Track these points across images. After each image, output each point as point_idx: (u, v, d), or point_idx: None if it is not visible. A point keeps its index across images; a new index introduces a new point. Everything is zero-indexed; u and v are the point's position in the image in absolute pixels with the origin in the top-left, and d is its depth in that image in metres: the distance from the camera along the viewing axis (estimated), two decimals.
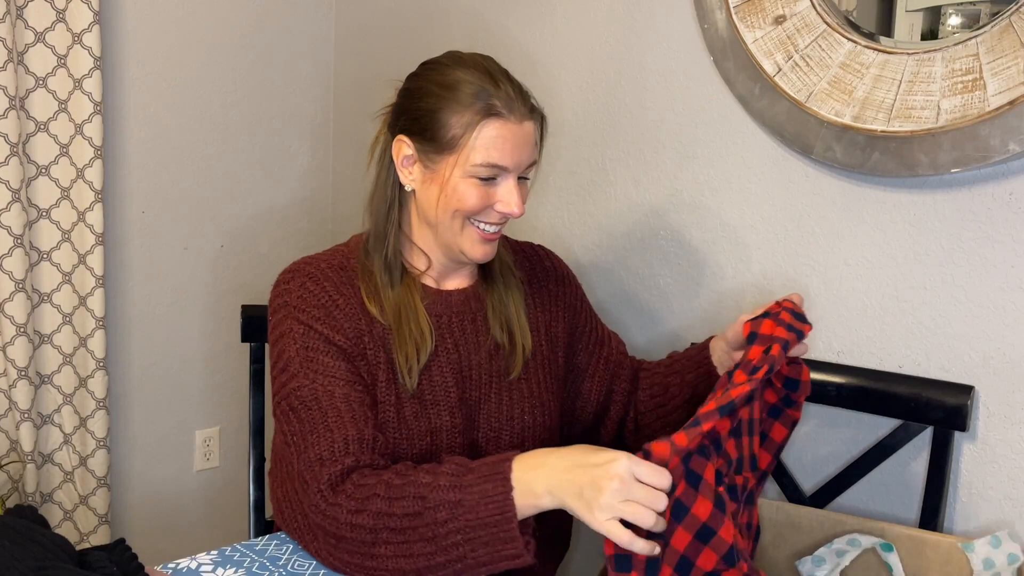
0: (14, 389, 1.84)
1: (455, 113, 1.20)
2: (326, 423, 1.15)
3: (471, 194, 1.21)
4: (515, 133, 1.20)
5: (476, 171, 1.20)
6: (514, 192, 1.22)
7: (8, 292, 1.81)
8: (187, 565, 1.09)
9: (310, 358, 1.20)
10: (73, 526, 1.99)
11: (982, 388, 1.32)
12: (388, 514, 1.06)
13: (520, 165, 1.22)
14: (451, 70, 1.23)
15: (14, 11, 1.76)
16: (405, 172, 1.26)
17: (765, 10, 1.44)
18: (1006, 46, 1.23)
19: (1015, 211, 1.28)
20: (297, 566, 1.11)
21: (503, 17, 1.89)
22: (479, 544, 1.03)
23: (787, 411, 1.22)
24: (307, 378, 1.18)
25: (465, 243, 1.24)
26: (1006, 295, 1.30)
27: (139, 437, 2.14)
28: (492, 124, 1.19)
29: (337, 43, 2.31)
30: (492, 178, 1.21)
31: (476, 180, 1.20)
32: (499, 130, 1.19)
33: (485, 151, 1.19)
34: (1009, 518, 1.32)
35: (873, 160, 1.35)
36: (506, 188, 1.22)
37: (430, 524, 1.04)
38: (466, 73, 1.22)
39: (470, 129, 1.19)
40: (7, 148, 1.77)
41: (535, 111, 1.24)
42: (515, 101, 1.21)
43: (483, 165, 1.19)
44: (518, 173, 1.23)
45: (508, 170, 1.21)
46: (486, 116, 1.19)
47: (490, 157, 1.19)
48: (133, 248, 2.07)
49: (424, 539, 1.04)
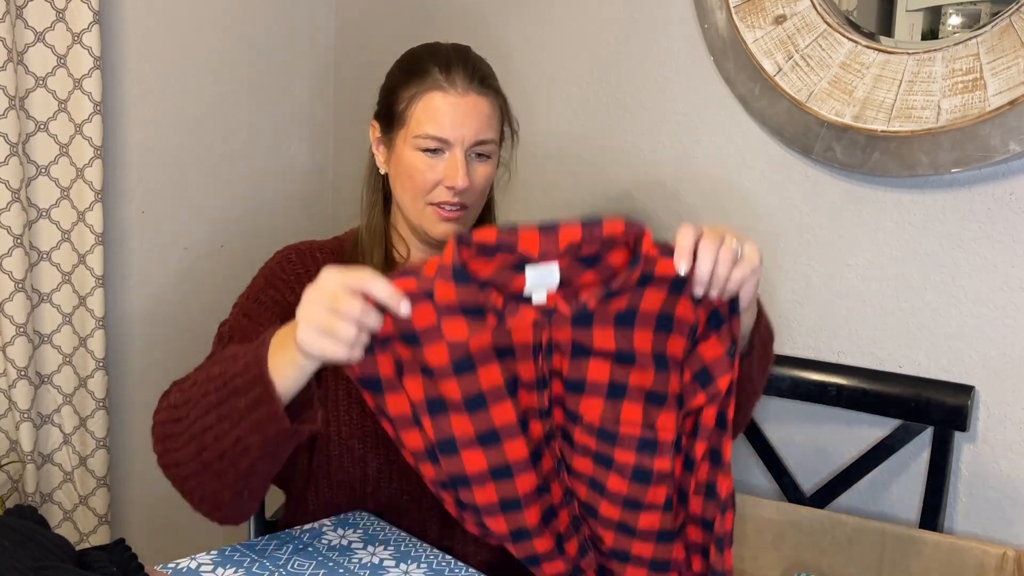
0: (14, 389, 1.84)
1: (405, 88, 1.24)
2: (213, 356, 1.16)
3: (417, 167, 1.23)
4: (455, 105, 1.21)
5: (418, 143, 1.22)
6: (457, 166, 1.22)
7: (8, 292, 1.81)
8: (187, 565, 1.09)
9: (253, 307, 1.23)
10: (73, 526, 1.99)
11: (982, 388, 1.32)
12: (174, 403, 1.07)
13: (464, 139, 1.22)
14: (415, 53, 1.28)
15: (14, 11, 1.75)
16: (379, 156, 1.31)
17: (765, 10, 1.44)
18: (1006, 46, 1.22)
19: (1015, 211, 1.28)
20: (297, 566, 1.11)
21: (503, 18, 1.89)
22: (237, 393, 0.97)
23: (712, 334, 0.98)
24: (236, 320, 1.23)
25: (426, 222, 1.26)
26: (1006, 295, 1.30)
27: (139, 437, 2.13)
28: (432, 95, 1.22)
29: (337, 43, 2.31)
30: (436, 151, 1.22)
31: (421, 154, 1.22)
32: (438, 101, 1.21)
33: (424, 122, 1.22)
34: (1009, 518, 1.32)
35: (873, 160, 1.35)
36: (449, 162, 1.23)
37: (200, 389, 1.02)
38: (425, 53, 1.26)
39: (413, 101, 1.23)
40: (7, 148, 1.77)
41: (488, 87, 1.25)
42: (459, 75, 1.22)
43: (422, 136, 1.22)
44: (464, 147, 1.23)
45: (449, 142, 1.22)
46: (429, 89, 1.22)
47: (428, 128, 1.21)
48: (133, 248, 2.06)
49: (193, 403, 1.02)
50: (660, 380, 0.98)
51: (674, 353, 0.98)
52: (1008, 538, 1.32)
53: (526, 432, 1.00)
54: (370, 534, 1.19)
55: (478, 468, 0.99)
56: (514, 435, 0.99)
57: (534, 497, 1.02)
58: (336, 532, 1.19)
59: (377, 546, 1.16)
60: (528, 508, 1.02)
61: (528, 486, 1.01)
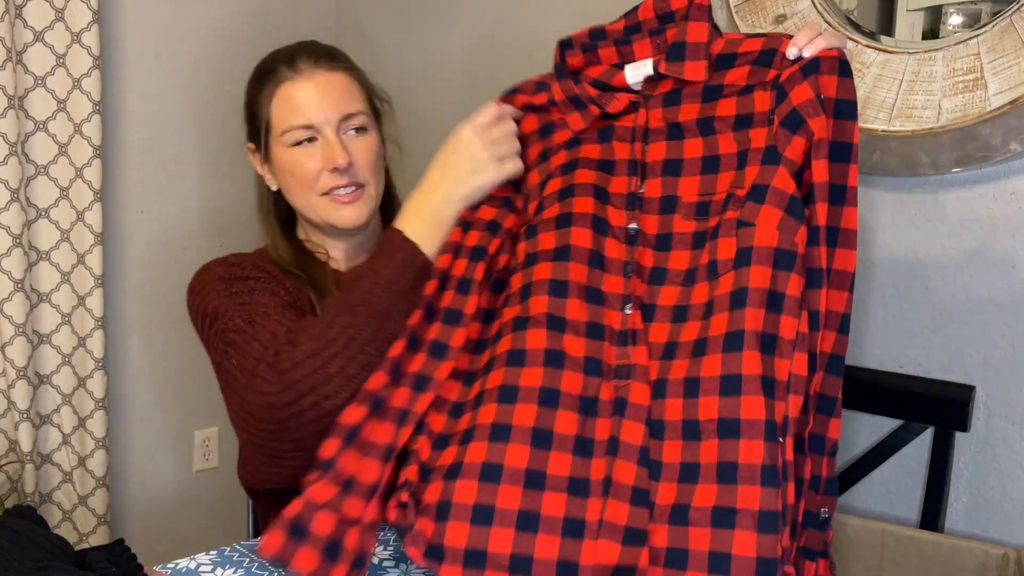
0: (13, 389, 1.84)
1: (259, 95, 1.24)
2: (265, 328, 1.11)
3: (297, 162, 1.22)
4: (306, 89, 1.21)
5: (286, 139, 1.22)
6: (333, 145, 1.21)
7: (7, 292, 1.81)
8: (186, 565, 1.09)
9: (238, 301, 1.18)
10: (72, 526, 1.99)
11: (982, 388, 1.32)
12: (316, 334, 1.04)
13: (328, 118, 1.21)
14: (262, 61, 1.28)
15: (13, 10, 1.75)
16: (266, 175, 1.29)
17: (765, 9, 1.44)
18: (1007, 46, 1.22)
19: (1016, 211, 1.28)
20: None
21: (503, 18, 1.89)
22: (396, 282, 1.06)
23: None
24: (237, 313, 1.16)
25: (325, 213, 1.24)
26: (1007, 295, 1.30)
27: (138, 437, 2.13)
28: (281, 89, 1.22)
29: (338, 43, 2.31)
30: (309, 140, 1.22)
31: (295, 148, 1.22)
32: (289, 91, 1.21)
33: (285, 115, 1.21)
34: (1009, 518, 1.32)
35: (874, 160, 1.35)
36: (323, 145, 1.22)
37: (356, 300, 1.05)
38: (269, 57, 1.26)
39: (267, 103, 1.23)
40: (6, 147, 1.77)
41: (336, 63, 1.25)
42: (303, 61, 1.22)
43: (288, 130, 1.21)
44: (334, 126, 1.22)
45: (315, 126, 1.21)
46: (278, 84, 1.22)
47: (290, 119, 1.21)
48: (132, 248, 2.06)
49: (355, 311, 1.05)
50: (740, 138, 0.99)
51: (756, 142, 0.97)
52: (1009, 538, 1.32)
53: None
54: None
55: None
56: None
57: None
58: None
59: (377, 546, 1.16)
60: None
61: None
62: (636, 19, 1.04)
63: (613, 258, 1.00)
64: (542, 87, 1.11)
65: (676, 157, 1.01)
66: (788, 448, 0.87)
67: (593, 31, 1.06)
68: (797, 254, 0.90)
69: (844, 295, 0.94)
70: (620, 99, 1.05)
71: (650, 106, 1.03)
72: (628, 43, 1.05)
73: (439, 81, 2.04)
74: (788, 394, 0.88)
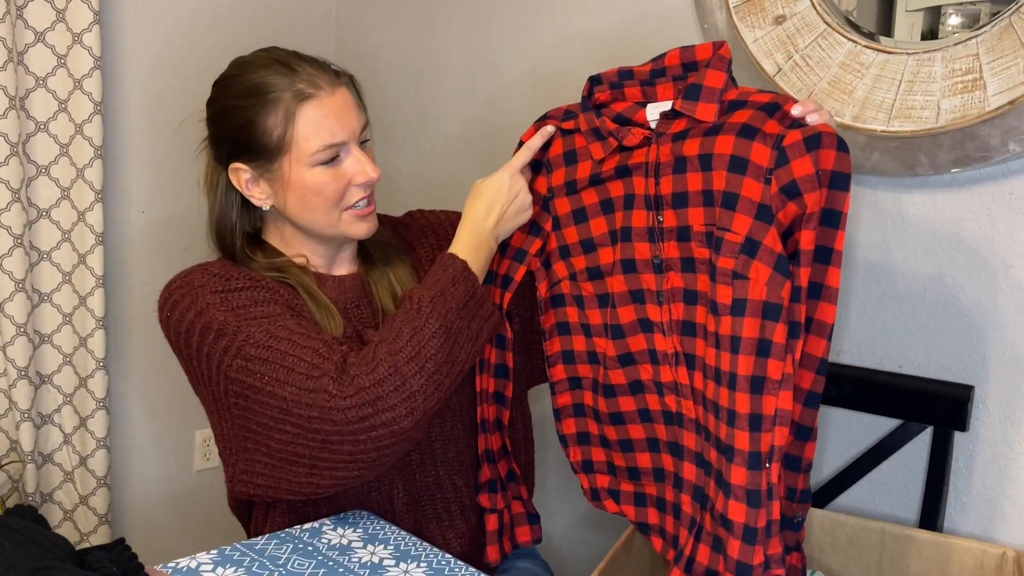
0: (14, 389, 1.84)
1: (268, 115, 1.18)
2: (297, 344, 1.12)
3: (324, 182, 1.20)
4: (333, 106, 1.19)
5: (317, 158, 1.19)
6: (362, 160, 1.22)
7: (8, 292, 1.81)
8: (187, 565, 1.09)
9: (246, 315, 1.16)
10: (73, 526, 1.99)
11: (982, 388, 1.32)
12: (394, 351, 1.10)
13: (354, 133, 1.21)
14: (243, 77, 1.22)
15: (14, 11, 1.75)
16: (255, 194, 1.25)
17: (765, 10, 1.44)
18: (1006, 46, 1.23)
19: (1015, 211, 1.28)
20: (297, 565, 1.11)
21: (503, 18, 1.89)
22: (464, 308, 1.16)
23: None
24: (252, 326, 1.14)
25: (346, 228, 1.25)
26: (1006, 295, 1.30)
27: (139, 437, 2.14)
28: (308, 107, 1.18)
29: (338, 43, 2.31)
30: (336, 158, 1.20)
31: (321, 168, 1.20)
32: (317, 110, 1.18)
33: (316, 136, 1.18)
34: (1009, 518, 1.32)
35: (873, 160, 1.35)
36: (353, 160, 1.22)
37: (433, 325, 1.12)
38: (258, 72, 1.21)
39: (290, 122, 1.18)
40: (7, 148, 1.77)
41: (341, 75, 1.24)
42: (318, 76, 1.20)
43: (320, 150, 1.19)
44: (356, 141, 1.22)
45: (346, 143, 1.20)
46: (299, 102, 1.18)
47: (323, 139, 1.19)
48: (133, 248, 2.06)
49: (429, 333, 1.12)
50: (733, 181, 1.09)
51: (757, 161, 1.06)
52: (1008, 538, 1.32)
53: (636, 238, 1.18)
54: (370, 533, 1.19)
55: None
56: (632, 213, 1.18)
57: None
58: (336, 531, 1.19)
59: (377, 545, 1.16)
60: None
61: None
62: (662, 64, 1.13)
63: (649, 289, 1.18)
64: (570, 115, 1.24)
65: (682, 190, 1.12)
66: (774, 472, 1.05)
67: (622, 71, 1.16)
68: (783, 307, 1.03)
69: (823, 343, 1.05)
70: (636, 134, 1.16)
71: (661, 142, 1.13)
72: (652, 84, 1.16)
73: (438, 81, 2.04)
74: (775, 426, 1.04)
